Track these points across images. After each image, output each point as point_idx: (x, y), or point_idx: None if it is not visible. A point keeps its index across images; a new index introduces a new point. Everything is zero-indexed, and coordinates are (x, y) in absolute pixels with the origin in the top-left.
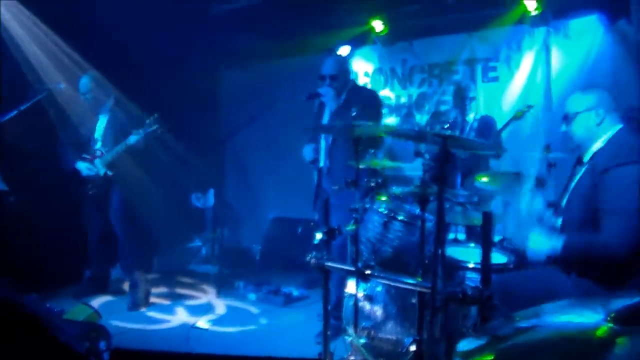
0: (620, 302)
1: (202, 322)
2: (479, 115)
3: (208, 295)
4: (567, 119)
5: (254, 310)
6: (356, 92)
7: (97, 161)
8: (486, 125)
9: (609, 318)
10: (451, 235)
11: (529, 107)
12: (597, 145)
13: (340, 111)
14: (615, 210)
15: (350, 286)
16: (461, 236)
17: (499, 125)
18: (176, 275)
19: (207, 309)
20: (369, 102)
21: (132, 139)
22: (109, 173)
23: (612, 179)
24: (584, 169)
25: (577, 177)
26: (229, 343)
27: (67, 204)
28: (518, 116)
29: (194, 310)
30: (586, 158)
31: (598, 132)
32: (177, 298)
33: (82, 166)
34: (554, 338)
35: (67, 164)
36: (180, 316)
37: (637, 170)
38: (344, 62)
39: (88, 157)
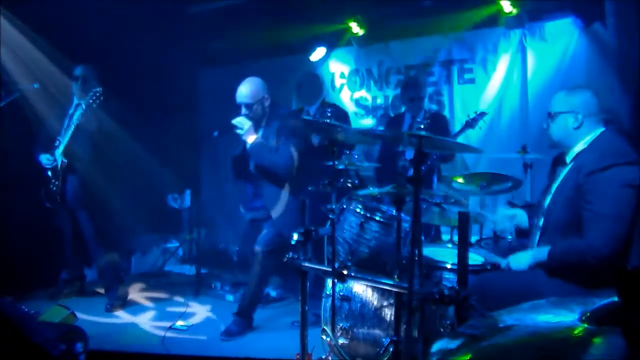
0: (596, 302)
1: (179, 324)
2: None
3: (185, 296)
4: (550, 116)
5: (231, 311)
6: (276, 119)
7: (56, 151)
8: (438, 124)
9: (583, 318)
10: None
11: (482, 114)
12: (580, 146)
13: (259, 144)
14: (600, 213)
15: (328, 286)
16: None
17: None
18: (153, 276)
19: (184, 309)
20: (287, 124)
21: (76, 115)
22: (64, 161)
23: (597, 182)
24: (566, 169)
25: (560, 178)
26: (206, 344)
27: (42, 205)
28: (470, 124)
29: (171, 312)
30: (569, 158)
31: (577, 135)
32: (154, 299)
33: (43, 158)
34: (531, 338)
35: (36, 160)
36: (158, 317)
37: (622, 173)
38: (261, 87)
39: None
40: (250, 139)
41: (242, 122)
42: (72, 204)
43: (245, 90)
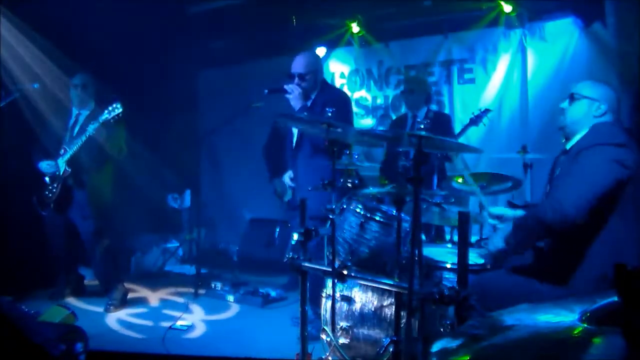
0: (596, 302)
1: (179, 323)
2: (431, 112)
3: (185, 297)
4: (572, 98)
5: (232, 311)
6: (326, 94)
7: (59, 159)
8: (440, 123)
9: (583, 318)
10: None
11: (486, 111)
12: (580, 135)
13: (304, 110)
14: (573, 177)
15: (328, 287)
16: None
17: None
18: (153, 276)
19: (184, 310)
20: (340, 104)
21: (91, 128)
22: (68, 170)
23: (583, 156)
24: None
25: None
26: (207, 344)
27: (36, 212)
28: (474, 121)
29: (171, 312)
30: (569, 145)
31: (589, 123)
32: (154, 299)
33: (43, 164)
34: (530, 338)
35: (35, 165)
36: (157, 317)
37: (608, 151)
38: (316, 60)
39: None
40: (297, 104)
41: (292, 88)
42: (74, 211)
43: (301, 60)
